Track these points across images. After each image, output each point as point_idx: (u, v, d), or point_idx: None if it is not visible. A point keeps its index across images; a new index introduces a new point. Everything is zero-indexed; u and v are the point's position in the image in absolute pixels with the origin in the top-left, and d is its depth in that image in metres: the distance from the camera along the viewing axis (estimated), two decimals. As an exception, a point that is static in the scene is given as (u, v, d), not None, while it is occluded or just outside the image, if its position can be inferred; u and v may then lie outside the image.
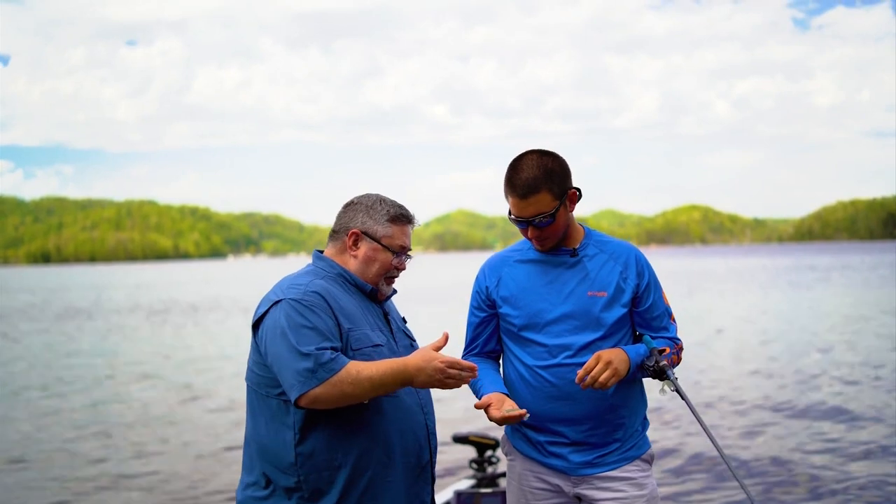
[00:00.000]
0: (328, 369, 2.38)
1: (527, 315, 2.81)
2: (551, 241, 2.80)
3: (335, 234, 2.71)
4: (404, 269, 2.72)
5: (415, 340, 2.81)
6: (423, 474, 2.64)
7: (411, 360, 2.44)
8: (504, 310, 2.85)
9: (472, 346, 2.96)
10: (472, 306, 2.95)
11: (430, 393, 2.71)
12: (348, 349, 2.50)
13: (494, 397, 2.70)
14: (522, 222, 2.75)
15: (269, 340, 2.48)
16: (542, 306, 2.80)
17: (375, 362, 2.44)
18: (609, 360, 2.62)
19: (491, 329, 2.93)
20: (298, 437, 2.48)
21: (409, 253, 2.74)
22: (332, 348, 2.43)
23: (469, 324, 2.97)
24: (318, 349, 2.40)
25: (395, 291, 2.76)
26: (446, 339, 2.53)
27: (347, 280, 2.66)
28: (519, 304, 2.82)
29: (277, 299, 2.51)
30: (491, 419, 2.66)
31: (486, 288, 2.89)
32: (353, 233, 2.66)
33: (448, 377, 2.44)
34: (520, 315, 2.82)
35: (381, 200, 2.70)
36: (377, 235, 2.66)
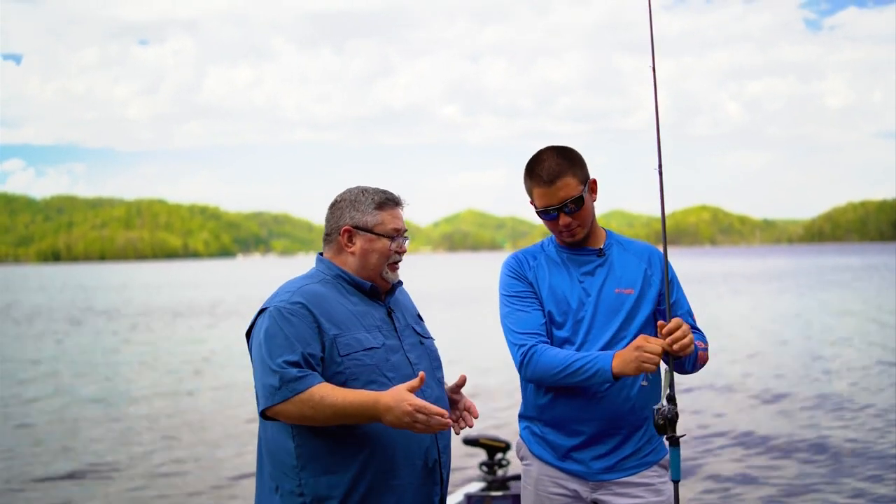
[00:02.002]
0: (291, 389, 2.39)
1: (554, 313, 2.78)
2: (581, 231, 2.77)
3: (328, 236, 2.70)
4: (405, 251, 2.70)
5: (427, 337, 2.75)
6: (432, 475, 2.59)
7: (383, 397, 2.38)
8: None
9: (530, 332, 2.74)
10: (511, 294, 2.81)
11: (437, 389, 2.64)
12: (335, 355, 2.47)
13: (642, 337, 2.57)
14: (552, 212, 2.72)
15: (253, 349, 2.55)
16: (569, 304, 2.77)
17: (347, 391, 2.41)
18: (687, 330, 2.56)
19: (540, 307, 2.78)
20: (297, 441, 2.49)
21: (406, 234, 2.69)
22: (306, 359, 2.42)
23: (512, 312, 2.78)
24: (285, 363, 2.40)
25: (400, 283, 2.73)
26: (422, 380, 2.40)
27: (346, 280, 2.63)
28: (545, 302, 2.79)
29: (264, 308, 2.55)
30: (650, 351, 2.53)
31: (526, 277, 2.81)
32: (346, 230, 2.64)
33: (416, 421, 2.35)
34: (547, 313, 2.78)
35: (364, 191, 2.68)
36: (368, 226, 2.63)
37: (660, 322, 2.62)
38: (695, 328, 2.85)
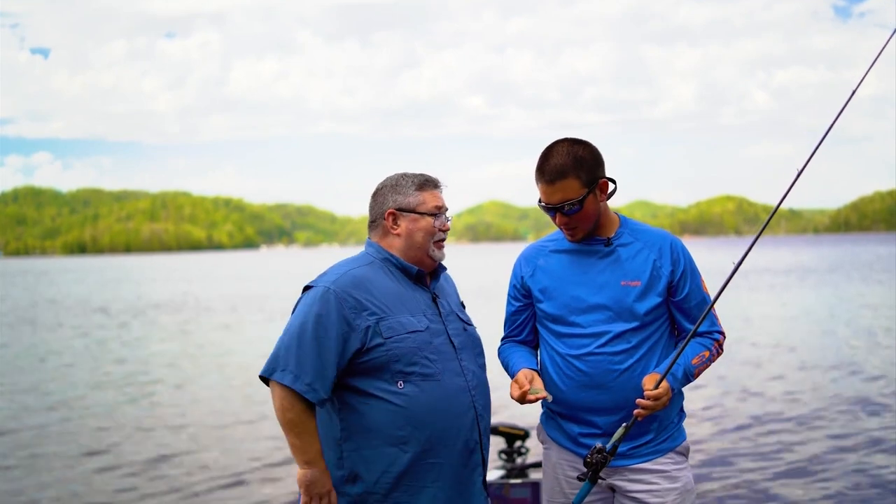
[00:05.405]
0: (311, 394, 2.52)
1: (560, 305, 2.83)
2: (581, 231, 2.81)
3: (373, 223, 2.81)
4: (448, 228, 2.81)
5: (470, 324, 2.86)
6: (472, 457, 2.67)
7: (310, 473, 2.54)
8: (539, 299, 2.89)
9: (509, 335, 3.03)
10: (509, 296, 3.02)
11: (480, 374, 2.76)
12: (377, 338, 2.57)
13: (521, 374, 2.77)
14: (551, 209, 2.77)
15: (293, 318, 2.63)
16: (576, 296, 2.82)
17: (306, 436, 2.54)
18: (662, 399, 2.67)
19: (526, 318, 2.98)
20: (342, 415, 2.61)
21: (448, 214, 2.81)
22: (324, 380, 2.54)
23: (506, 312, 3.03)
24: (308, 387, 2.52)
25: (444, 268, 2.84)
26: None
27: (394, 264, 2.73)
28: (553, 293, 2.85)
29: (310, 285, 2.66)
30: (511, 396, 2.73)
31: (522, 277, 2.94)
32: (390, 213, 2.75)
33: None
34: (553, 305, 2.85)
35: (404, 176, 2.80)
36: (411, 206, 2.75)
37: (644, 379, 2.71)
38: (706, 334, 2.85)
